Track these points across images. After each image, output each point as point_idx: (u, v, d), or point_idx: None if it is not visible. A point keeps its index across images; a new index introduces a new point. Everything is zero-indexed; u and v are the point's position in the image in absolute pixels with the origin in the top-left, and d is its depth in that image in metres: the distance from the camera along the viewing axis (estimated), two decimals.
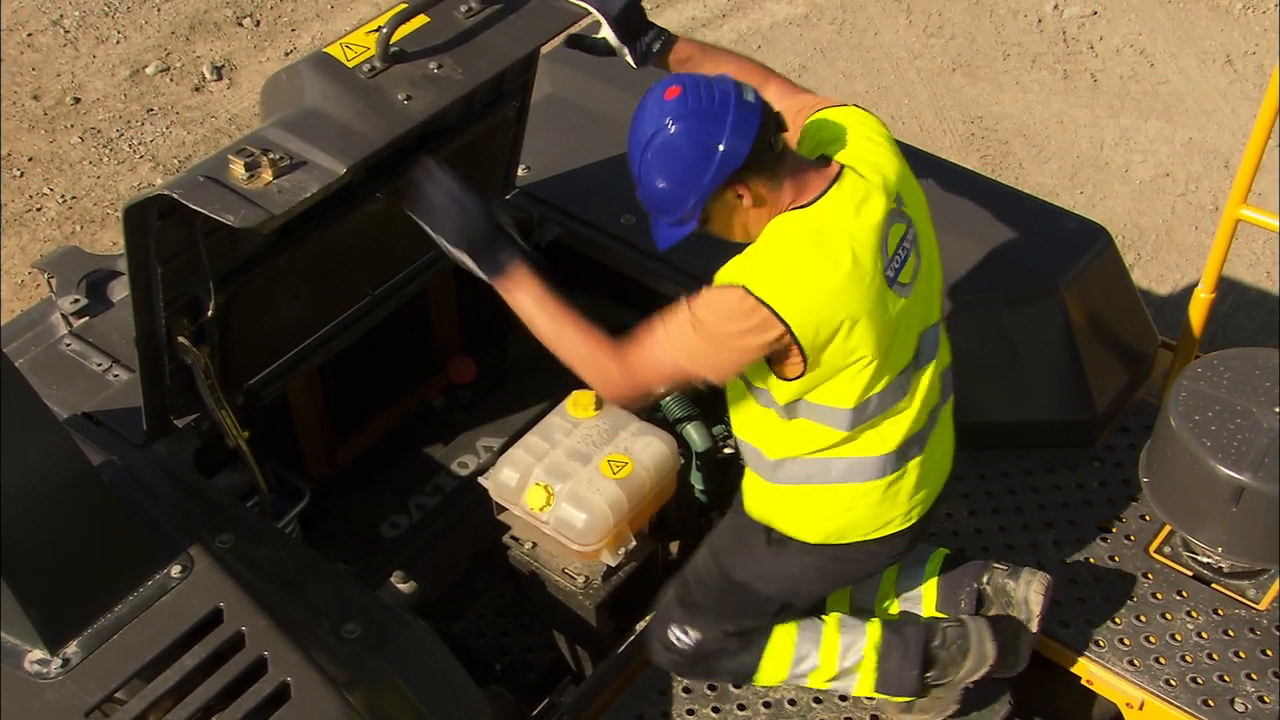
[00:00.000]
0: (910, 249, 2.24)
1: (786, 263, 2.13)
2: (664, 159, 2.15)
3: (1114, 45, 6.17)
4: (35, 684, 2.14)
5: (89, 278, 3.19)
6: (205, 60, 6.23)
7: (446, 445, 3.32)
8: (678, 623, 2.60)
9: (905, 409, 2.33)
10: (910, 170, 2.34)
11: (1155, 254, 5.16)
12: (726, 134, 2.10)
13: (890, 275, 2.19)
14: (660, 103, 2.15)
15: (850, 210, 2.18)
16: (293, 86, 2.38)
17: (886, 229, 2.19)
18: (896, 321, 2.22)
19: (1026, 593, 2.62)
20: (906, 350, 2.29)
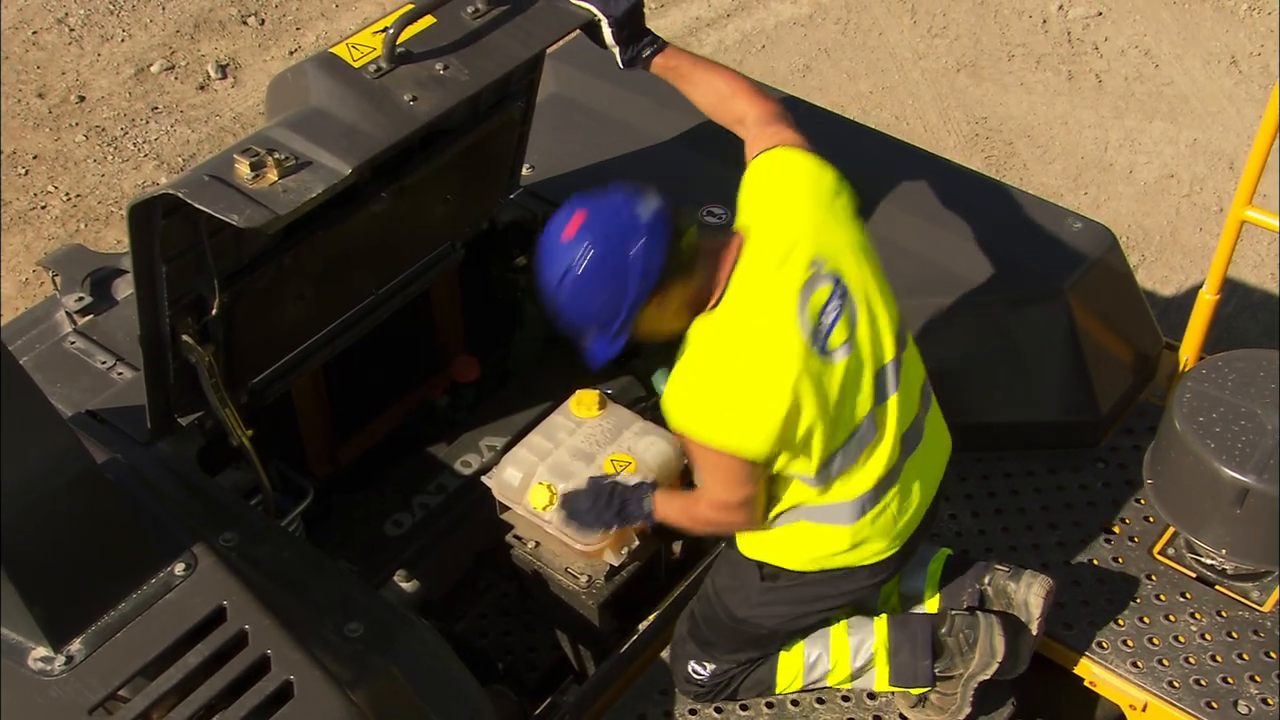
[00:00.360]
0: (838, 309, 2.24)
1: (733, 409, 2.20)
2: (579, 297, 2.17)
3: (1119, 46, 6.16)
4: (39, 681, 2.14)
5: (93, 276, 3.19)
6: (210, 59, 6.24)
7: (450, 444, 3.32)
8: (694, 658, 2.67)
9: (874, 448, 2.36)
10: (840, 203, 2.34)
11: (1159, 255, 5.15)
12: (641, 258, 2.12)
13: (820, 347, 2.22)
14: (563, 242, 2.16)
15: (763, 302, 2.21)
16: (298, 86, 2.38)
17: (804, 303, 2.21)
18: (840, 386, 2.26)
19: (1027, 595, 2.63)
20: (861, 402, 2.31)
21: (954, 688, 2.63)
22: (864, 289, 2.30)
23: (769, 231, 2.26)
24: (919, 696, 2.68)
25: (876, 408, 2.34)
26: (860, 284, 2.30)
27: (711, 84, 2.55)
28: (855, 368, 2.28)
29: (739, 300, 2.22)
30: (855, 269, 2.30)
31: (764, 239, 2.25)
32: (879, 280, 2.35)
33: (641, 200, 2.17)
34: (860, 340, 2.29)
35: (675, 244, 2.17)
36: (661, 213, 2.17)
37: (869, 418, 2.33)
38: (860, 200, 3.32)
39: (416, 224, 3.03)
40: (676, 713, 2.72)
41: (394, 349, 3.36)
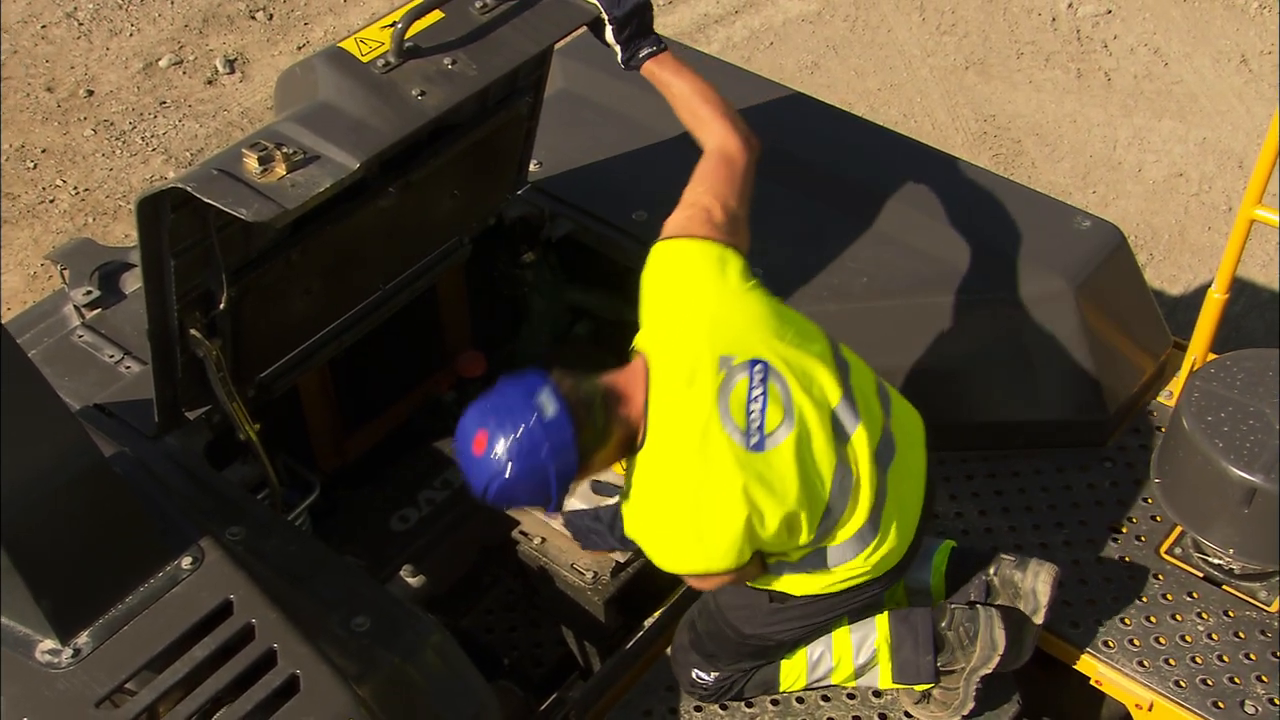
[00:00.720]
0: (763, 394, 2.22)
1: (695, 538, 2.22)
2: (511, 498, 2.23)
3: (1128, 44, 6.15)
4: (46, 673, 2.14)
5: (101, 270, 3.20)
6: (218, 53, 6.24)
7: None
8: (698, 667, 2.67)
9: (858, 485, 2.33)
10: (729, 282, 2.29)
11: (1168, 254, 5.14)
12: (552, 466, 2.15)
13: (757, 443, 2.20)
14: (477, 457, 2.18)
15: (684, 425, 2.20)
16: (307, 81, 2.38)
17: (725, 409, 2.20)
18: (798, 464, 2.23)
19: (1034, 583, 2.62)
20: (826, 461, 2.28)
21: (956, 682, 2.63)
22: (781, 356, 2.26)
23: (668, 350, 2.26)
24: (923, 693, 2.68)
25: (843, 453, 2.31)
26: (776, 353, 2.26)
27: (689, 104, 2.55)
28: (805, 435, 2.25)
29: (662, 431, 2.22)
30: (765, 343, 2.27)
31: (666, 360, 2.25)
32: (797, 333, 2.31)
33: (538, 397, 2.17)
34: (799, 407, 2.25)
35: (583, 425, 2.17)
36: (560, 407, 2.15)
37: (840, 468, 2.30)
38: (868, 198, 3.33)
39: (424, 219, 3.03)
40: (682, 709, 2.72)
41: (400, 344, 3.36)
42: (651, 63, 2.58)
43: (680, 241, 2.33)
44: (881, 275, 3.15)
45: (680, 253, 2.32)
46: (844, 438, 2.32)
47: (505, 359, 3.61)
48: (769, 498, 2.21)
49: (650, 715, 2.71)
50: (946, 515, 3.05)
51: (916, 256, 3.19)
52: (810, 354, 2.31)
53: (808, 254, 3.21)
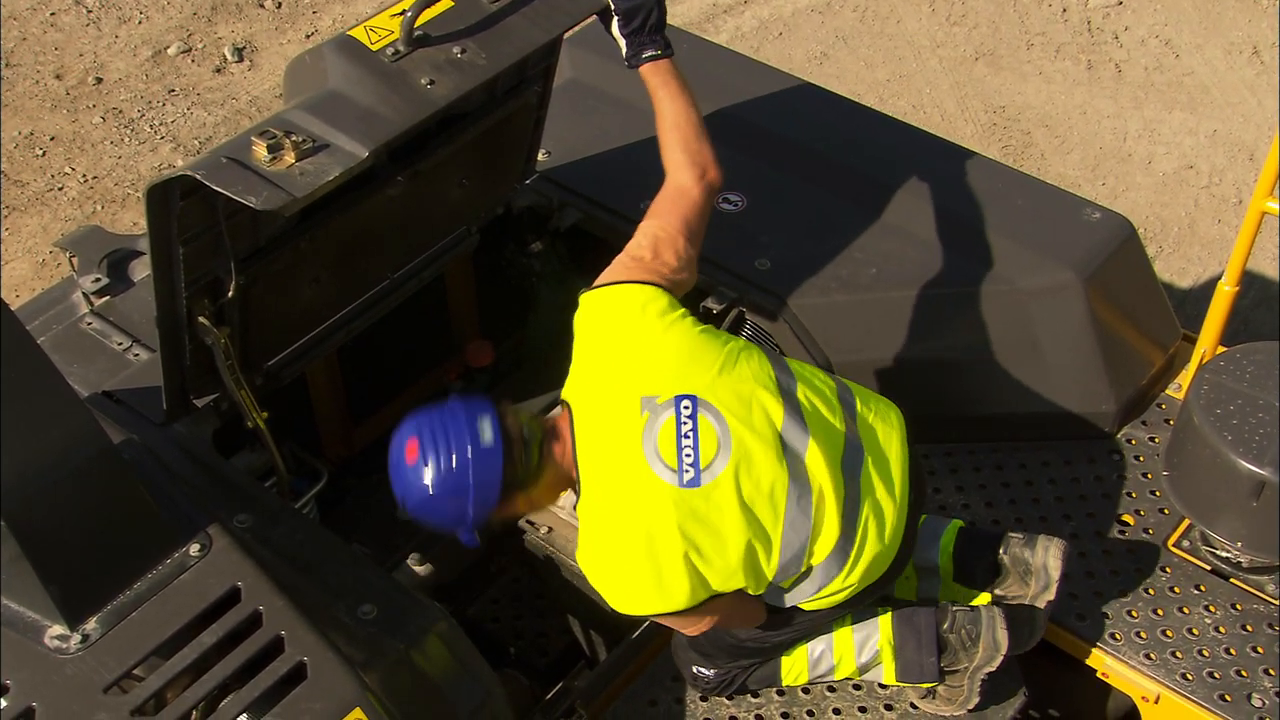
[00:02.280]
0: (693, 428, 2.21)
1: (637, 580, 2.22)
2: (428, 514, 2.25)
3: (1139, 35, 6.12)
4: (55, 659, 2.15)
5: (110, 257, 3.20)
6: (226, 42, 6.24)
7: None
8: (696, 663, 2.67)
9: (821, 499, 2.28)
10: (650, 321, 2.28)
11: (1177, 247, 5.12)
12: (472, 493, 2.18)
13: (692, 480, 2.20)
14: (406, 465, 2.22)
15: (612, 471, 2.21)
16: (316, 69, 2.38)
17: (652, 449, 2.20)
18: (739, 494, 2.21)
19: (1045, 559, 2.62)
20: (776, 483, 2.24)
21: (960, 680, 2.62)
22: (711, 388, 2.25)
23: (591, 398, 2.28)
24: (928, 688, 2.68)
25: (797, 472, 2.26)
26: (705, 386, 2.24)
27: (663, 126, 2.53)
28: (746, 463, 2.22)
29: (592, 479, 2.24)
30: (692, 378, 2.25)
31: (589, 408, 2.27)
32: (728, 361, 2.28)
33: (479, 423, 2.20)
34: (737, 436, 2.22)
35: (515, 461, 2.20)
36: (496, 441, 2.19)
37: (793, 485, 2.25)
38: (876, 189, 3.32)
39: (432, 208, 3.03)
40: (688, 699, 2.72)
41: (408, 333, 3.37)
42: (649, 67, 2.54)
43: (602, 290, 2.35)
44: (890, 266, 3.14)
45: (601, 300, 2.34)
46: (796, 456, 2.26)
47: (513, 348, 3.61)
48: (706, 533, 2.19)
49: (656, 705, 2.72)
50: (953, 507, 3.05)
51: (925, 248, 3.18)
52: (744, 379, 2.27)
53: (815, 245, 3.20)
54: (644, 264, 2.36)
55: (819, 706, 2.71)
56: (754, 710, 2.70)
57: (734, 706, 2.71)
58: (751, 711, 2.69)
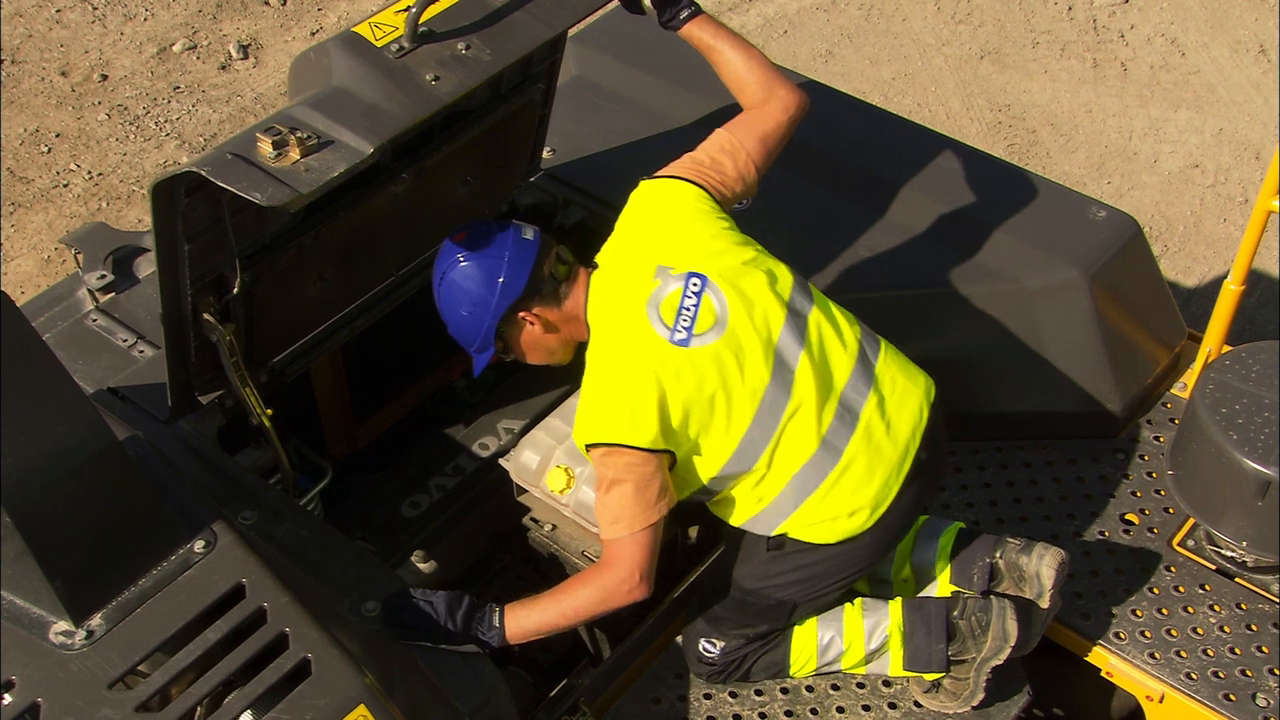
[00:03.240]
0: (696, 301, 2.41)
1: (609, 407, 2.36)
2: (454, 293, 2.49)
3: (1145, 34, 6.11)
4: (60, 655, 2.15)
5: (115, 254, 3.20)
6: (232, 39, 6.24)
7: (467, 426, 3.33)
8: (703, 635, 2.68)
9: (797, 414, 2.40)
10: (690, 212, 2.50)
11: (1183, 246, 5.11)
12: (504, 268, 2.43)
13: (682, 339, 2.38)
14: (449, 245, 2.50)
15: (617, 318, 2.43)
16: (321, 65, 2.38)
17: (654, 308, 2.41)
18: (718, 364, 2.37)
19: (1039, 567, 2.62)
20: (756, 373, 2.39)
21: (967, 672, 2.62)
22: (728, 276, 2.43)
23: (612, 262, 2.51)
24: (932, 682, 2.68)
25: (779, 374, 2.40)
26: (722, 273, 2.44)
27: (732, 64, 2.66)
28: (736, 348, 2.39)
29: (598, 327, 2.46)
30: (713, 263, 2.44)
31: (610, 268, 2.50)
32: (753, 262, 2.47)
33: (522, 228, 2.48)
34: (734, 320, 2.40)
35: (543, 268, 2.45)
36: (536, 239, 2.47)
37: (773, 385, 2.39)
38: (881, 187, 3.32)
39: (437, 205, 3.03)
40: (691, 696, 2.72)
41: (413, 330, 3.36)
42: (692, 25, 2.63)
43: (656, 181, 2.56)
44: (895, 265, 3.14)
45: (650, 188, 2.56)
46: (785, 365, 2.41)
47: None
48: (680, 386, 2.35)
49: (659, 703, 2.72)
50: (958, 506, 3.05)
51: (930, 246, 3.18)
52: (759, 284, 2.44)
53: (821, 243, 3.20)
54: (701, 167, 2.57)
55: (822, 705, 2.71)
56: (758, 708, 2.70)
57: (738, 704, 2.71)
58: (755, 709, 2.69)
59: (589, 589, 2.40)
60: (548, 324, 2.50)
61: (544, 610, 2.41)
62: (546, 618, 2.41)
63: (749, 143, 2.60)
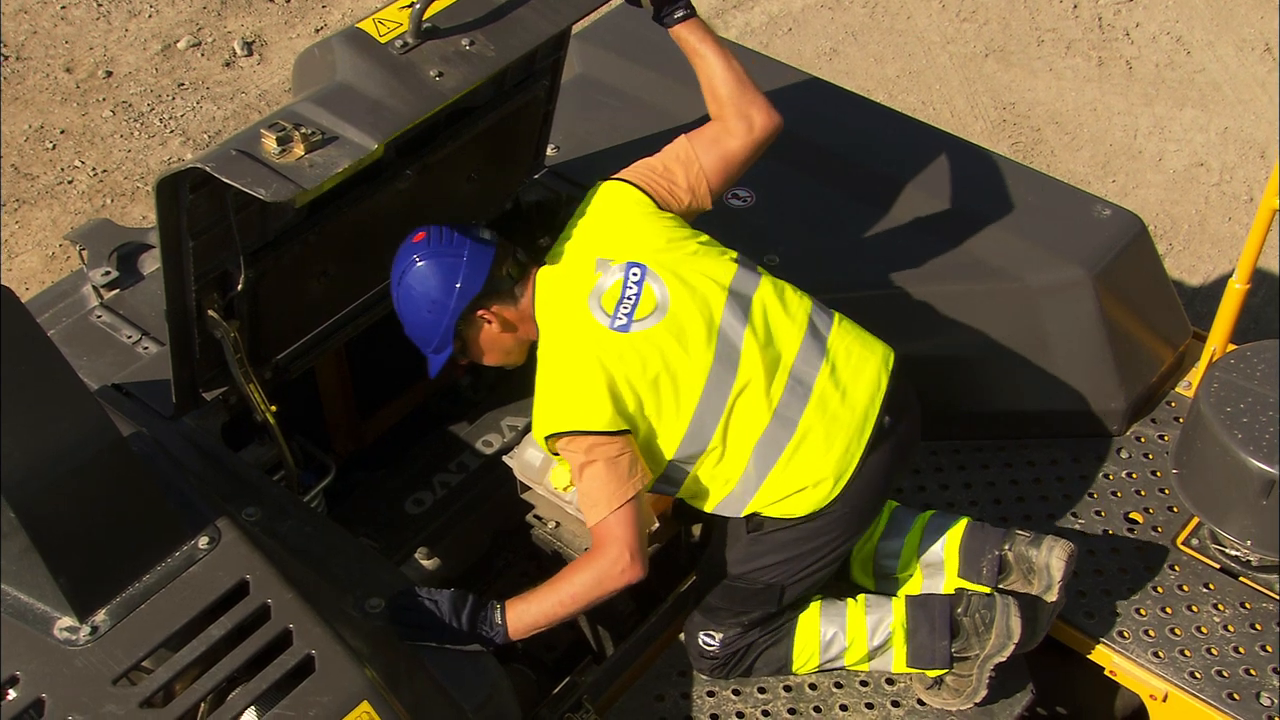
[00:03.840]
0: (637, 289, 2.48)
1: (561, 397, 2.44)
2: (412, 294, 2.53)
3: (1150, 32, 6.10)
4: (64, 650, 2.16)
5: (120, 250, 3.20)
6: (236, 35, 6.25)
7: (471, 424, 3.33)
8: (701, 627, 2.69)
9: (747, 389, 2.45)
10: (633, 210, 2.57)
11: (1187, 244, 5.11)
12: (462, 269, 2.48)
13: (622, 325, 2.45)
14: (408, 245, 2.54)
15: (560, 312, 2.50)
16: (325, 61, 2.38)
17: (596, 299, 2.48)
18: (659, 347, 2.44)
19: (1049, 559, 2.62)
20: (699, 352, 2.44)
21: (970, 669, 2.62)
22: (668, 265, 2.50)
23: (556, 259, 2.58)
24: (935, 679, 2.68)
25: (724, 352, 2.45)
26: (661, 262, 2.50)
27: (713, 74, 2.68)
28: (676, 326, 2.45)
29: (544, 322, 2.53)
30: (653, 254, 2.51)
31: (553, 267, 2.57)
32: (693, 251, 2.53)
33: (479, 229, 2.54)
34: (675, 305, 2.46)
35: (501, 268, 2.51)
36: (493, 240, 2.52)
37: (719, 364, 2.44)
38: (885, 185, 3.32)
39: (440, 202, 3.03)
40: (694, 693, 2.72)
41: None
42: (683, 27, 2.67)
43: (607, 182, 2.63)
44: (899, 262, 3.14)
45: (600, 189, 2.63)
46: (730, 344, 2.46)
47: None
48: (623, 369, 2.41)
49: (663, 700, 2.72)
50: (962, 504, 3.05)
51: (934, 244, 3.17)
52: (698, 270, 2.51)
53: (824, 240, 3.20)
54: (653, 173, 2.63)
55: (826, 702, 2.71)
56: (761, 705, 2.70)
57: (741, 701, 2.71)
58: (759, 707, 2.69)
59: (583, 574, 2.42)
60: (505, 322, 2.55)
61: (542, 602, 2.42)
62: (545, 608, 2.42)
63: (707, 157, 2.63)
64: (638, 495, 2.40)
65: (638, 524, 2.41)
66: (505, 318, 2.54)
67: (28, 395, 2.10)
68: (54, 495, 2.14)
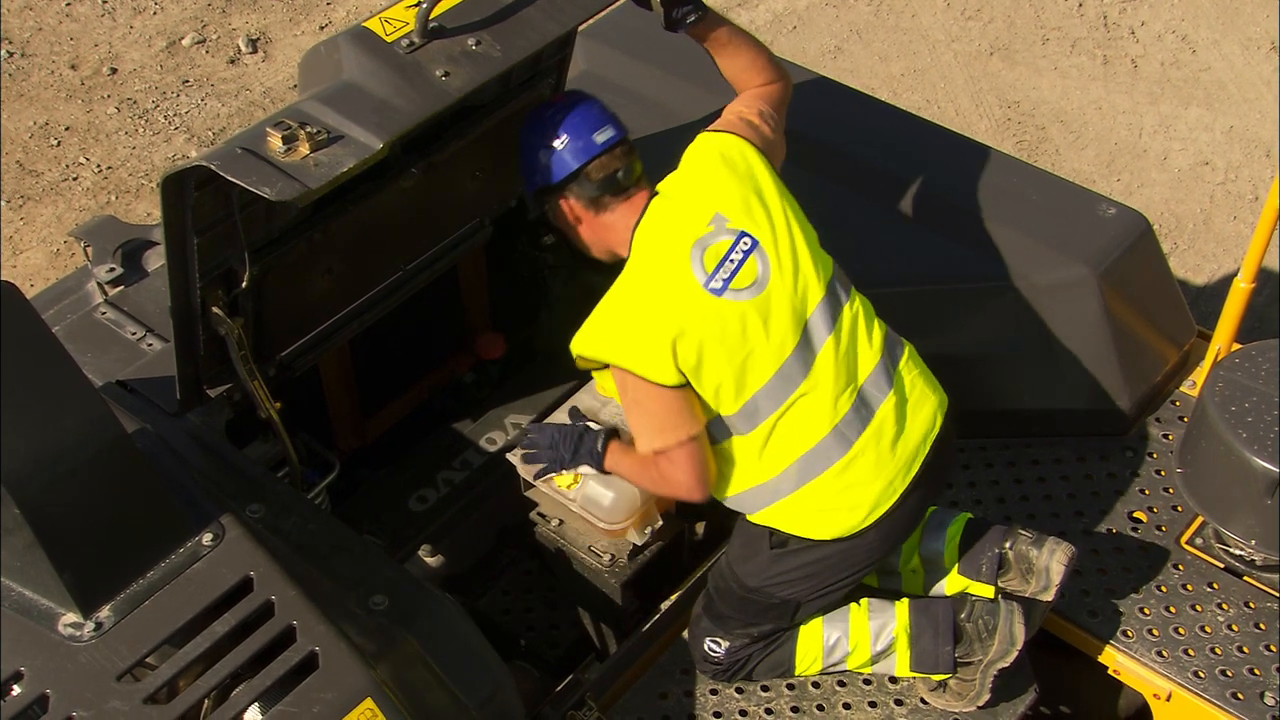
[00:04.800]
0: (742, 258, 2.44)
1: (624, 330, 2.42)
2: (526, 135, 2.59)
3: (1155, 31, 6.09)
4: (68, 646, 2.16)
5: (125, 247, 3.21)
6: (241, 33, 6.25)
7: (475, 421, 3.33)
8: (709, 634, 2.68)
9: (810, 392, 2.43)
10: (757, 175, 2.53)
11: (1192, 243, 5.10)
12: (555, 152, 2.52)
13: (717, 287, 2.41)
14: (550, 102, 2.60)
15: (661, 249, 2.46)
16: (331, 60, 2.38)
17: (699, 252, 2.44)
18: (744, 321, 2.41)
19: (1049, 561, 2.62)
20: (781, 340, 2.42)
21: (973, 674, 2.62)
22: (777, 244, 2.47)
23: (675, 195, 2.53)
24: (939, 681, 2.68)
25: (803, 350, 2.44)
26: (773, 240, 2.47)
27: (736, 56, 2.70)
28: (765, 308, 2.42)
29: (640, 250, 2.49)
30: (766, 228, 2.48)
31: (669, 201, 2.52)
32: (802, 240, 2.51)
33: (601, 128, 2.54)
34: (773, 285, 2.44)
35: (586, 171, 2.51)
36: (597, 146, 2.51)
37: (795, 359, 2.42)
38: (890, 183, 3.31)
39: (445, 200, 3.03)
40: (698, 691, 2.72)
41: (421, 325, 3.37)
42: (702, 26, 2.66)
43: (724, 134, 2.58)
44: (903, 261, 3.14)
45: (731, 141, 2.56)
46: (811, 344, 2.45)
47: (525, 341, 3.61)
48: (701, 326, 2.38)
49: (666, 698, 2.72)
50: (965, 503, 3.05)
51: (939, 243, 3.17)
52: (806, 261, 2.48)
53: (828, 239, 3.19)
54: (755, 130, 2.61)
55: (829, 701, 2.71)
56: (764, 704, 2.70)
57: (744, 700, 2.71)
58: (761, 705, 2.70)
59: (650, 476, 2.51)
60: (577, 218, 2.57)
61: (631, 467, 2.58)
62: (629, 473, 2.60)
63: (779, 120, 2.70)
64: (691, 438, 2.40)
65: (699, 459, 2.42)
66: (579, 215, 2.56)
67: (32, 391, 2.10)
68: (58, 491, 2.14)
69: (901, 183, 3.31)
